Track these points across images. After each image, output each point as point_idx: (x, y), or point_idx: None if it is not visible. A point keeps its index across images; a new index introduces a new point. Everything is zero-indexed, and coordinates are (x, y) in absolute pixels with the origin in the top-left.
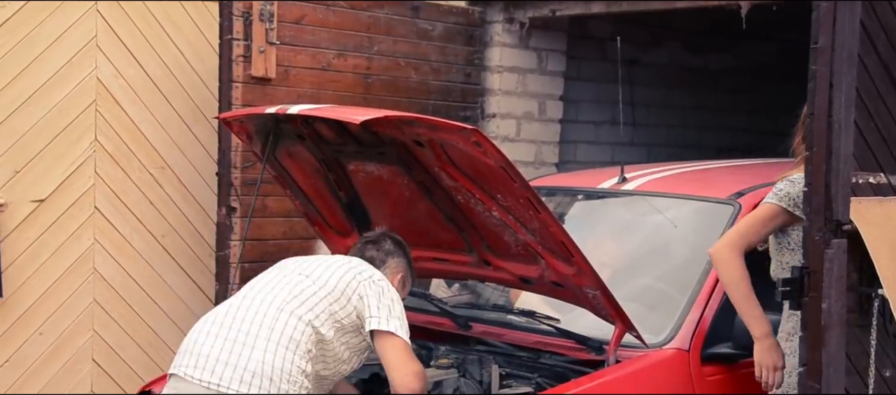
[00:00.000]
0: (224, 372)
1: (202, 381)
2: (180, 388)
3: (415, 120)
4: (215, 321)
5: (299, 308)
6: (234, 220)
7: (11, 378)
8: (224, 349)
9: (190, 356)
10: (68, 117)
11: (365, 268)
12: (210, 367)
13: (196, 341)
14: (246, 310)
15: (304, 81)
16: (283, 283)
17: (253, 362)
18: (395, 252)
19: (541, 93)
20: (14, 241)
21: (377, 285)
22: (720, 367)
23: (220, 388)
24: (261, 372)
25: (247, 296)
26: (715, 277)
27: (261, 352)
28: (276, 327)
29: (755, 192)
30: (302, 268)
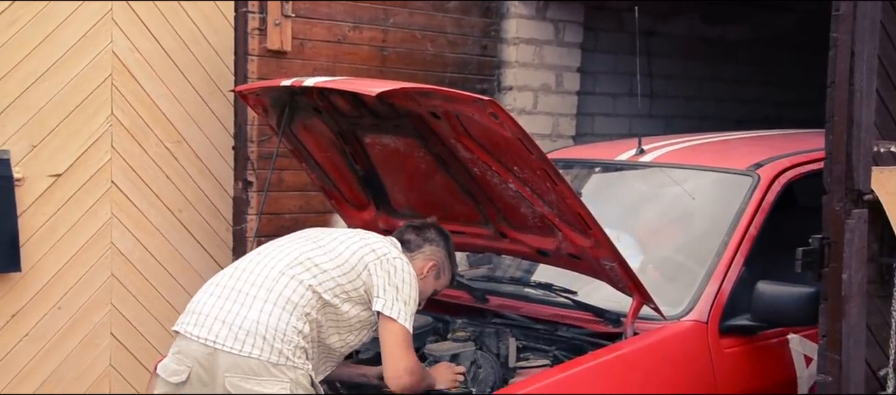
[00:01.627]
0: (220, 330)
1: (200, 338)
2: (181, 345)
3: (431, 91)
4: (219, 282)
5: (302, 273)
6: (250, 194)
7: (31, 352)
8: (224, 309)
9: (191, 315)
10: (84, 92)
11: (381, 245)
12: (208, 325)
13: (198, 300)
14: (250, 272)
15: (319, 54)
16: (291, 248)
17: (248, 321)
18: (435, 241)
19: (558, 65)
20: (32, 215)
21: (390, 263)
22: (739, 339)
23: (216, 345)
24: (255, 331)
25: (253, 259)
26: (733, 248)
27: (257, 311)
28: (274, 289)
29: (774, 163)
30: (316, 237)
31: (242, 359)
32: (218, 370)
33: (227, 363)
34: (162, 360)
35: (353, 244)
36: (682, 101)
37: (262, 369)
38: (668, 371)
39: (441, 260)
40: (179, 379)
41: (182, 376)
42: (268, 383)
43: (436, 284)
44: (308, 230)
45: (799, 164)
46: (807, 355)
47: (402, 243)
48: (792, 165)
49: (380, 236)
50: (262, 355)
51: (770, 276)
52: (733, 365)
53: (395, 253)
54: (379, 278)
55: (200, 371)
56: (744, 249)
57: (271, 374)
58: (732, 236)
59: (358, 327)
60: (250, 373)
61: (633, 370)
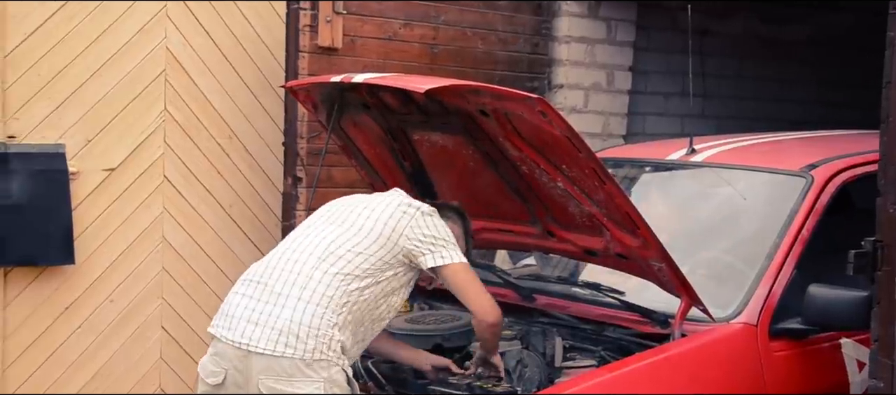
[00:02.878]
0: (253, 332)
1: (233, 341)
2: (217, 348)
3: (480, 89)
4: (250, 280)
5: (337, 263)
6: (299, 190)
7: (83, 344)
8: (256, 310)
9: (224, 318)
10: (138, 87)
11: (410, 202)
12: (241, 328)
13: (230, 301)
14: (281, 268)
15: (370, 51)
16: (321, 235)
17: (281, 320)
18: (453, 219)
19: (609, 63)
20: (86, 209)
21: (423, 216)
22: (789, 342)
23: (249, 348)
24: (288, 330)
25: (283, 254)
26: (785, 250)
27: (290, 311)
28: (308, 286)
29: (828, 164)
30: (343, 216)
31: (275, 359)
32: (252, 371)
33: (260, 365)
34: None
35: (382, 213)
36: (735, 101)
37: (295, 369)
38: (717, 374)
39: (459, 236)
40: (216, 381)
41: (218, 378)
42: (300, 383)
43: None
44: (333, 207)
45: (854, 165)
46: (859, 360)
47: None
48: (847, 166)
49: (399, 194)
50: (295, 353)
51: (822, 279)
52: (783, 369)
53: (418, 204)
54: (416, 239)
55: (235, 374)
56: (796, 251)
57: (304, 374)
58: (784, 238)
59: (398, 288)
60: (283, 374)
61: (680, 372)
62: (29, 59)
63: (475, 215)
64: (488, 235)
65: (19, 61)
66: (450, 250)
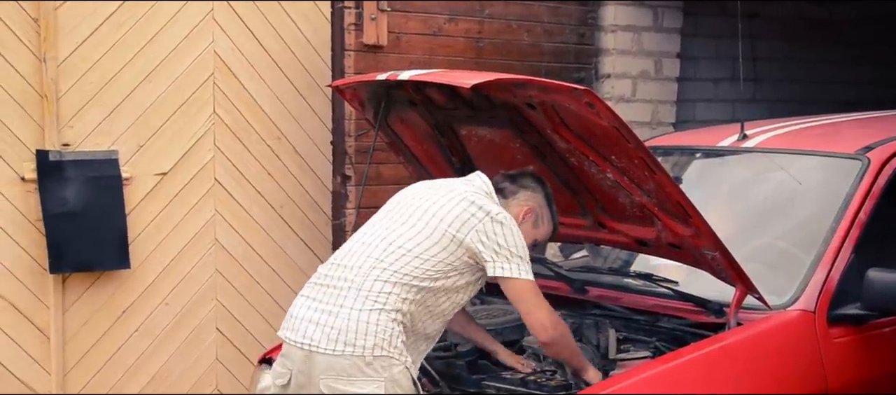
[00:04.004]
0: (314, 332)
1: (296, 342)
2: (284, 350)
3: (526, 82)
4: (315, 281)
5: (394, 264)
6: (348, 188)
7: (141, 347)
8: (317, 310)
9: (289, 320)
10: (187, 91)
11: (480, 202)
12: (303, 329)
13: (296, 303)
14: (342, 269)
15: (415, 48)
16: (382, 234)
17: (340, 319)
18: (532, 187)
19: (657, 51)
20: (139, 214)
21: (493, 222)
22: (848, 328)
23: (311, 348)
24: (346, 329)
25: (346, 253)
26: (842, 235)
27: (347, 310)
28: (364, 286)
29: (885, 145)
30: (408, 212)
31: (335, 359)
32: (314, 371)
33: (322, 365)
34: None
35: (449, 212)
36: (786, 84)
37: (355, 369)
38: (774, 363)
39: (538, 206)
40: (282, 382)
41: (284, 379)
42: (361, 383)
43: (535, 232)
44: (400, 199)
45: None
46: None
47: (498, 191)
48: None
49: (473, 190)
50: (355, 352)
51: (881, 263)
52: (843, 356)
53: (490, 207)
54: (484, 244)
55: (299, 375)
56: (853, 235)
57: (365, 373)
58: (841, 223)
59: (464, 286)
60: (343, 373)
61: (736, 361)
62: (80, 68)
63: None
64: None
65: (71, 70)
66: (514, 262)
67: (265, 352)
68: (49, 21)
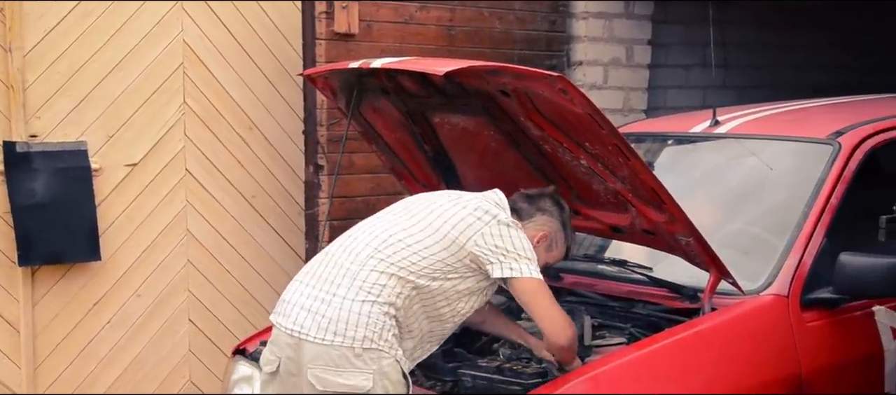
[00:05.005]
0: (305, 320)
1: (286, 329)
2: (274, 336)
3: (499, 69)
4: (310, 270)
5: (391, 256)
6: (321, 177)
7: (113, 339)
8: (310, 297)
9: (281, 304)
10: (157, 81)
11: (488, 208)
12: (294, 315)
13: (289, 288)
14: (339, 256)
15: (386, 36)
16: (380, 228)
17: (332, 309)
18: (549, 211)
19: (628, 38)
20: (110, 205)
21: (499, 225)
22: (821, 312)
23: (300, 335)
24: (337, 318)
25: (343, 242)
26: (814, 219)
27: (340, 299)
28: (359, 275)
29: (855, 130)
30: (414, 209)
31: (324, 348)
32: (303, 360)
33: (311, 354)
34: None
35: (454, 212)
36: (756, 70)
37: (344, 360)
38: (748, 347)
39: (554, 231)
40: (271, 369)
41: (273, 366)
42: (349, 374)
43: (547, 256)
44: (411, 200)
45: (882, 130)
46: (894, 327)
47: (514, 211)
48: (875, 131)
49: (480, 199)
50: (344, 342)
51: (853, 247)
52: (816, 340)
53: (498, 213)
54: (488, 247)
55: (288, 362)
56: (825, 220)
57: (353, 365)
58: (813, 207)
59: (467, 294)
60: (331, 364)
61: (711, 346)
62: (48, 57)
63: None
64: None
65: (38, 60)
66: (522, 263)
67: (239, 343)
68: (14, 10)
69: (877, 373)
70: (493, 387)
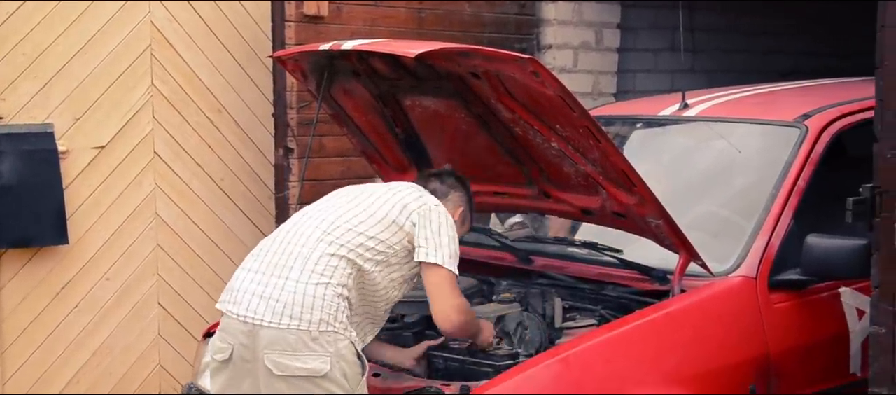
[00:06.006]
0: (258, 306)
1: (239, 316)
2: (224, 323)
3: (470, 51)
4: (257, 255)
5: (340, 238)
6: (291, 160)
7: (81, 323)
8: (261, 283)
9: (230, 292)
10: (124, 63)
11: (422, 193)
12: (246, 302)
13: (237, 276)
14: (287, 242)
15: (356, 18)
16: (328, 211)
17: (286, 292)
18: (458, 187)
19: (597, 21)
20: (77, 188)
21: (434, 211)
22: (789, 294)
23: (255, 321)
24: (292, 302)
25: (291, 229)
26: (782, 202)
27: (293, 283)
28: (311, 258)
29: (822, 113)
30: (353, 196)
31: (281, 333)
32: (258, 346)
33: (266, 339)
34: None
35: (390, 198)
36: (725, 54)
37: (300, 343)
38: (717, 328)
39: (465, 205)
40: (223, 357)
41: (225, 353)
42: (306, 357)
43: (462, 230)
44: (344, 189)
45: (848, 113)
46: (859, 308)
47: (431, 192)
48: (841, 114)
49: (411, 185)
50: (301, 325)
51: (820, 229)
52: (784, 320)
53: (434, 200)
54: (422, 228)
55: (242, 349)
56: (792, 202)
57: (310, 348)
58: (780, 190)
59: (400, 282)
60: (288, 348)
61: (681, 327)
62: (11, 39)
63: (469, 178)
64: (484, 198)
65: (2, 42)
66: (443, 252)
67: (209, 326)
68: None
69: (843, 354)
70: (465, 369)
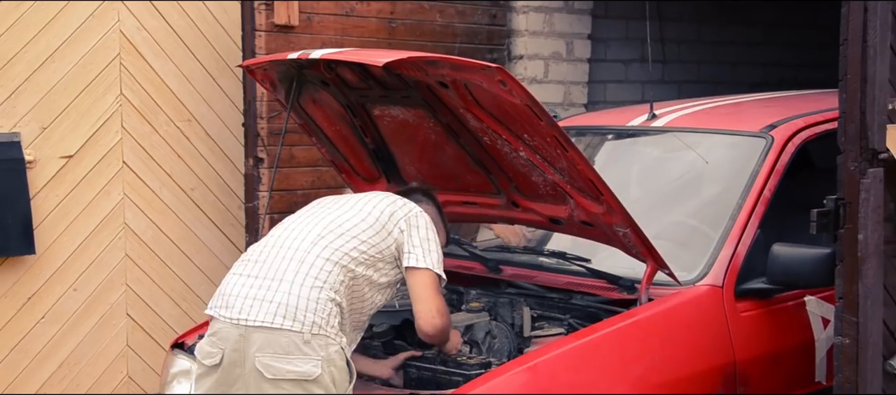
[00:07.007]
0: (252, 308)
1: (232, 319)
2: (216, 328)
3: (438, 60)
4: (249, 259)
5: (334, 242)
6: (261, 170)
7: (48, 334)
8: (254, 287)
9: (221, 297)
10: (93, 72)
11: (405, 201)
12: (238, 305)
13: (228, 281)
14: (279, 247)
15: (327, 28)
16: (317, 218)
17: (279, 294)
18: (425, 201)
19: (568, 32)
20: (44, 197)
21: (421, 217)
22: (755, 302)
23: (248, 322)
24: (286, 303)
25: (282, 234)
26: (748, 211)
27: (288, 284)
28: (306, 261)
29: (788, 124)
30: (342, 202)
31: (273, 334)
32: (250, 349)
33: (258, 341)
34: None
35: (379, 203)
36: (695, 65)
37: (293, 346)
38: (684, 336)
39: (436, 219)
40: (212, 361)
41: (215, 358)
42: (298, 360)
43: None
44: (329, 197)
45: (813, 124)
46: (824, 317)
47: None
48: (806, 125)
49: (393, 194)
50: (294, 326)
51: (786, 238)
52: (750, 329)
53: (419, 208)
54: (410, 234)
55: (233, 353)
56: (758, 211)
57: (302, 351)
58: (747, 199)
59: (385, 286)
60: (280, 350)
61: (648, 336)
62: None
63: (438, 188)
64: (453, 208)
65: None
66: (431, 256)
67: (177, 337)
68: None
69: (808, 362)
70: (437, 378)
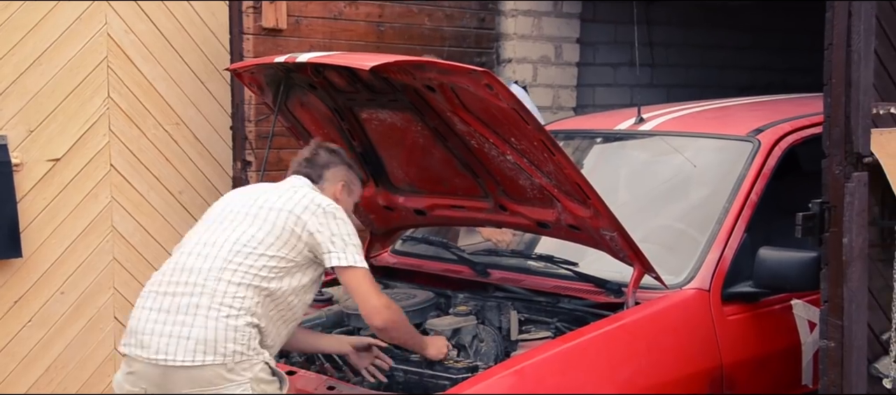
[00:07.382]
0: (169, 346)
1: (149, 359)
2: (133, 367)
3: (425, 64)
4: (156, 293)
5: (240, 268)
6: (249, 173)
7: (35, 337)
8: (167, 323)
9: (134, 335)
10: (80, 75)
11: (304, 193)
12: (155, 344)
13: (137, 317)
14: (187, 275)
15: (315, 31)
16: (223, 237)
17: (196, 329)
18: (331, 161)
19: (557, 36)
20: (31, 201)
21: (326, 212)
22: (742, 306)
23: (169, 362)
24: (204, 338)
25: (186, 263)
26: (735, 215)
27: (203, 318)
28: (218, 290)
29: (774, 128)
30: (247, 209)
31: (196, 370)
32: (172, 387)
33: (181, 380)
34: None
35: (281, 206)
36: (683, 69)
37: (218, 377)
38: (671, 340)
39: (345, 174)
40: None
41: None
42: (226, 387)
43: (350, 200)
44: (226, 205)
45: (800, 128)
46: (810, 320)
47: (306, 179)
48: (793, 129)
49: (302, 183)
50: (216, 360)
51: (772, 242)
52: (736, 332)
53: (320, 200)
54: (321, 234)
55: (156, 390)
56: (745, 215)
57: (228, 379)
58: (733, 203)
59: (309, 286)
60: (206, 384)
61: (635, 339)
62: None
63: (426, 191)
64: (441, 211)
65: None
66: (350, 251)
67: None
68: None
69: (795, 365)
70: (423, 382)
